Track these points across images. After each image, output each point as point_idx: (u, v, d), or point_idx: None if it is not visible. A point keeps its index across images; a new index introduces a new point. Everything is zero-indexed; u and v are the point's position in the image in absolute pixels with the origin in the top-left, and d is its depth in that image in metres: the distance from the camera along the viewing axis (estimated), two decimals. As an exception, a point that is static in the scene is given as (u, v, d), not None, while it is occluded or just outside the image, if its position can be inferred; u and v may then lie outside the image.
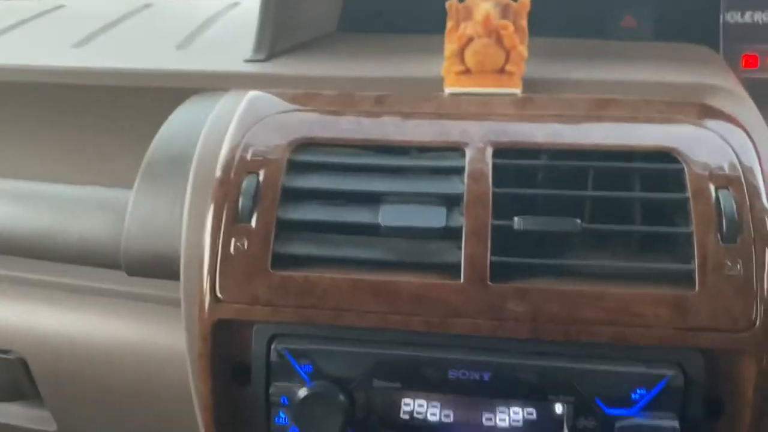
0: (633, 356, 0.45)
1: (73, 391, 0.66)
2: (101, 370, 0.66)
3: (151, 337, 0.64)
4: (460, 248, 0.47)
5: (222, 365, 0.49)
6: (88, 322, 0.65)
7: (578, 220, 0.46)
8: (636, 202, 0.48)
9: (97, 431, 0.69)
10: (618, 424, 0.44)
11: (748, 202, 0.46)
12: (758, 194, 0.47)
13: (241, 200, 0.49)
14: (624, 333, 0.45)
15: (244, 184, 0.49)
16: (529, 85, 0.56)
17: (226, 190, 0.49)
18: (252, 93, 0.56)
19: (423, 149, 0.51)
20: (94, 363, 0.64)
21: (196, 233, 0.50)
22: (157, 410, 0.64)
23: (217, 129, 0.53)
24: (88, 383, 0.65)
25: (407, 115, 0.53)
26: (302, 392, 0.45)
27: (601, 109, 0.53)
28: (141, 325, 0.65)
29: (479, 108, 0.54)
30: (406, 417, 0.46)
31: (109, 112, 0.66)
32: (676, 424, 0.44)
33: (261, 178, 0.49)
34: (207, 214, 0.49)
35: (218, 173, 0.50)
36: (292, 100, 0.56)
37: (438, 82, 0.57)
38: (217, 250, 0.48)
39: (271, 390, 0.47)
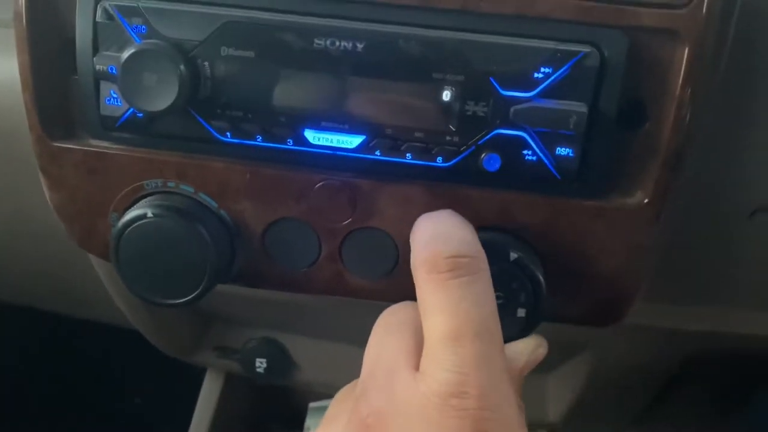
0: (541, 32, 0.36)
1: None
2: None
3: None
4: None
5: (45, 34, 0.40)
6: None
7: None
8: None
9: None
10: (513, 108, 0.36)
11: None
12: None
13: None
14: (535, 3, 0.36)
15: None
16: None
17: None
18: None
19: None
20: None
21: None
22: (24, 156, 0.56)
23: None
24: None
25: None
26: (128, 51, 0.36)
27: None
28: None
29: None
30: (263, 95, 0.38)
31: None
32: (584, 109, 0.36)
33: None
34: None
35: None
36: None
37: None
38: None
39: (96, 58, 0.38)
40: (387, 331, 0.34)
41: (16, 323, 0.94)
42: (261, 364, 0.68)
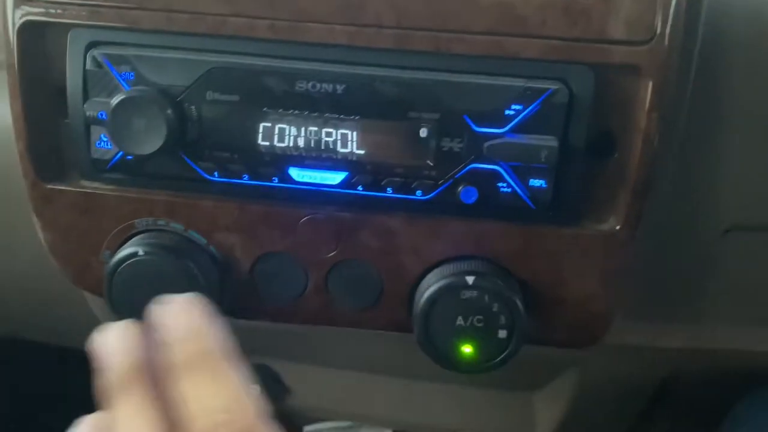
0: (511, 71, 0.38)
1: None
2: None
3: None
4: None
5: (37, 82, 0.41)
6: None
7: None
8: None
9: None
10: (487, 144, 0.38)
11: None
12: None
13: None
14: (503, 43, 0.38)
15: None
16: None
17: None
18: None
19: None
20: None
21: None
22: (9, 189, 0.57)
23: None
24: None
25: None
26: (117, 98, 0.38)
27: None
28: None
29: None
30: (248, 137, 0.39)
31: None
32: (554, 143, 0.38)
33: None
34: None
35: None
36: None
37: None
38: (26, -63, 0.40)
39: (87, 105, 0.39)
40: None
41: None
42: (253, 390, 0.68)
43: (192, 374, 0.29)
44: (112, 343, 0.32)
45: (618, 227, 0.41)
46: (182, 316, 0.31)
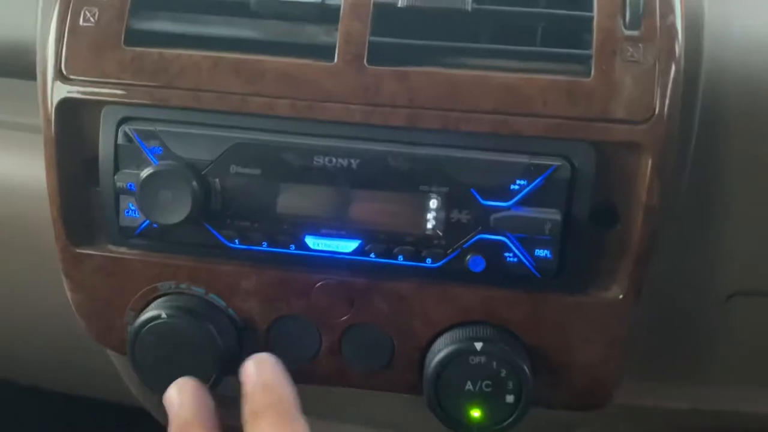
0: (516, 147, 0.41)
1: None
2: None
3: (27, 169, 0.59)
4: (337, 29, 0.42)
5: (71, 154, 0.44)
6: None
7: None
8: None
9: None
10: (493, 216, 0.40)
11: None
12: None
13: (93, -31, 0.43)
14: (508, 122, 0.40)
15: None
16: None
17: None
18: None
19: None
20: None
21: (49, 15, 0.45)
22: (35, 247, 0.59)
23: None
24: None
25: None
26: (146, 171, 0.40)
27: None
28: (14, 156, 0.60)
29: None
30: (268, 207, 0.42)
31: None
32: (558, 217, 0.40)
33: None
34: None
35: None
36: None
37: None
38: (65, 22, 0.43)
39: (117, 176, 0.42)
40: None
41: (25, 404, 0.96)
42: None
43: (257, 422, 0.34)
44: (171, 398, 0.37)
45: (621, 296, 0.42)
46: (255, 370, 0.37)
